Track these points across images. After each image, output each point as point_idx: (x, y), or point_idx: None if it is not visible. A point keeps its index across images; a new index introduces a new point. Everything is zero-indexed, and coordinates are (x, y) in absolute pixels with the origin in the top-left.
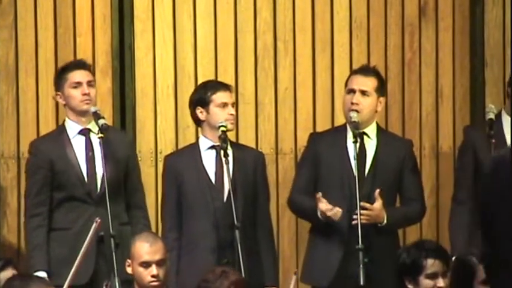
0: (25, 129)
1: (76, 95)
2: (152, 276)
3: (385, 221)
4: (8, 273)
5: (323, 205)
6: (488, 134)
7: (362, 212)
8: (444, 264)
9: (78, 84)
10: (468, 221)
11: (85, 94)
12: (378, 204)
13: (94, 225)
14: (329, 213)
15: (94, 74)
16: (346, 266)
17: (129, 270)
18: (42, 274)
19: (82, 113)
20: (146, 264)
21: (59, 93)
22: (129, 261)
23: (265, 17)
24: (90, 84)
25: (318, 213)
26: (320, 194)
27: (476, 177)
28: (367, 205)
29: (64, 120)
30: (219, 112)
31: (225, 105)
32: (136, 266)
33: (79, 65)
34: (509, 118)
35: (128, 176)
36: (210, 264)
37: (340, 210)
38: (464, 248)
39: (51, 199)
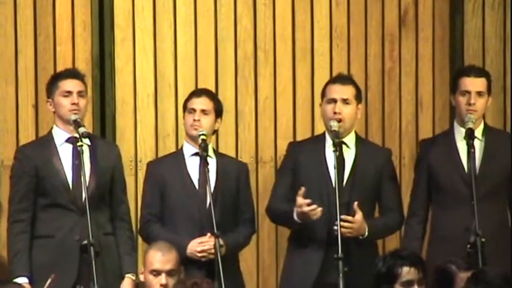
0: (4, 137)
1: (65, 103)
2: (161, 285)
3: (366, 233)
4: None
5: (301, 199)
6: (467, 144)
7: (344, 225)
8: (420, 272)
9: (68, 94)
10: (419, 232)
11: (74, 104)
12: (358, 216)
13: (49, 280)
14: (305, 208)
15: (86, 84)
16: (325, 274)
17: (142, 277)
18: (23, 280)
19: (70, 122)
20: (157, 273)
21: (49, 100)
22: (142, 268)
23: (246, 25)
24: (81, 94)
25: (294, 214)
26: (303, 189)
27: (429, 189)
28: (348, 218)
29: (52, 128)
30: (187, 118)
31: (192, 110)
32: (147, 274)
33: (72, 74)
34: (462, 129)
35: (113, 187)
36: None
37: (320, 209)
38: None
39: (36, 205)
